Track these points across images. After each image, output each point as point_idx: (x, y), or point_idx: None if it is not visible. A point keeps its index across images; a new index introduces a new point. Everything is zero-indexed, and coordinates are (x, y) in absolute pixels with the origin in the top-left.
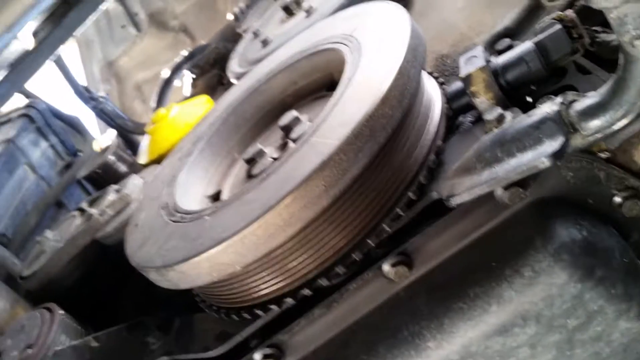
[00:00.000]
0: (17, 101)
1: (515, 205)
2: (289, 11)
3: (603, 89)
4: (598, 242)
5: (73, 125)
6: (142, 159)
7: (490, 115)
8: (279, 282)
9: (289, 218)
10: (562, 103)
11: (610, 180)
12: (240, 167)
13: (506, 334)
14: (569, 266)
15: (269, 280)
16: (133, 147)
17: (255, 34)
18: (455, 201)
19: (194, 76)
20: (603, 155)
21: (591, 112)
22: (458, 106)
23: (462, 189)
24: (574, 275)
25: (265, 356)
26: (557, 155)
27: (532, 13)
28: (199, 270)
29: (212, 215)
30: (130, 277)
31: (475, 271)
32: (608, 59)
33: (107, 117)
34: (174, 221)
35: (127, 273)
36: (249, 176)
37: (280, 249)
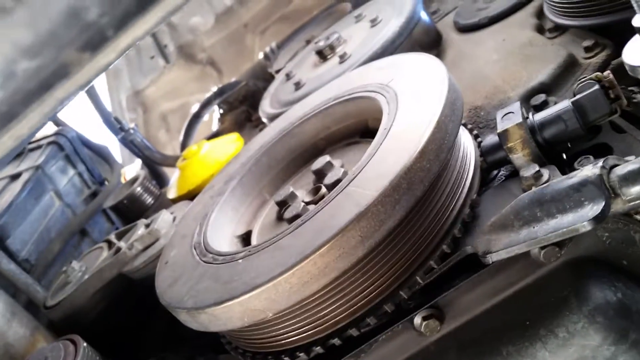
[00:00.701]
0: (46, 128)
1: (550, 263)
2: (322, 56)
3: None
4: (632, 305)
5: (101, 154)
6: (171, 193)
7: (527, 172)
8: (308, 330)
9: (324, 267)
10: (603, 167)
11: None
12: (270, 209)
13: None
14: (604, 329)
15: (298, 328)
16: (159, 178)
17: (288, 76)
18: (492, 258)
19: (222, 112)
20: (639, 217)
21: (633, 177)
22: (493, 160)
23: (499, 247)
24: (608, 337)
25: None
26: (598, 220)
27: (567, 69)
28: (230, 315)
29: (245, 258)
30: (155, 312)
31: (509, 329)
32: None
33: (135, 149)
34: (205, 262)
35: (152, 308)
36: (280, 218)
37: (313, 298)
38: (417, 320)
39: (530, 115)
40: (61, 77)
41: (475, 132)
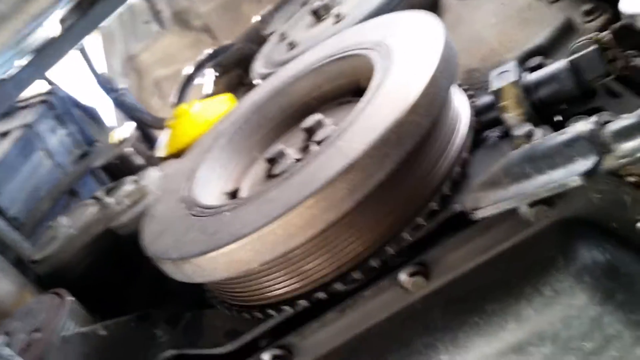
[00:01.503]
0: (38, 87)
1: (539, 223)
2: (317, 16)
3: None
4: (620, 267)
5: (92, 115)
6: (161, 152)
7: (520, 131)
8: (294, 283)
9: (310, 219)
10: (596, 122)
11: (635, 205)
12: (260, 166)
13: (521, 352)
14: (590, 288)
15: (284, 281)
16: (150, 141)
17: (282, 37)
18: (479, 214)
19: (216, 74)
20: (631, 179)
21: (626, 133)
22: (486, 120)
23: (487, 203)
24: (594, 297)
25: (274, 357)
26: (589, 174)
27: (565, 33)
28: (215, 265)
29: (232, 211)
30: (141, 268)
31: (494, 287)
32: (638, 82)
33: (126, 109)
34: (192, 215)
35: (138, 264)
36: (269, 176)
37: (298, 250)
38: (403, 276)
39: (524, 74)
40: None
41: (470, 92)
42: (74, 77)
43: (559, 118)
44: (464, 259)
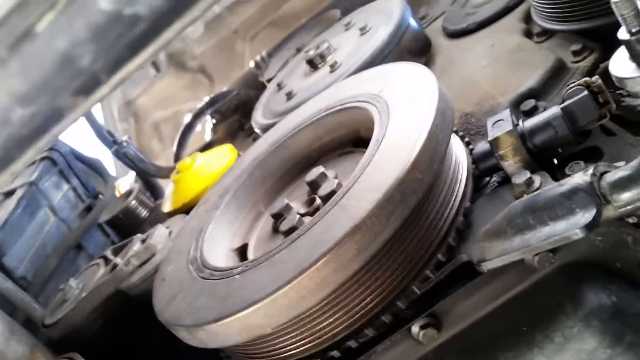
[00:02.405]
0: None
1: (545, 269)
2: (313, 65)
3: (635, 162)
4: (627, 307)
5: (94, 167)
6: (166, 207)
7: (519, 179)
8: (307, 343)
9: (321, 281)
10: (593, 174)
11: (638, 244)
12: (266, 221)
13: None
14: (599, 332)
15: (297, 342)
16: (153, 190)
17: (279, 86)
18: (486, 266)
19: (215, 121)
20: (631, 220)
21: (623, 184)
22: (485, 167)
23: (493, 255)
24: (603, 341)
25: None
26: (590, 227)
27: (556, 74)
28: (229, 331)
29: (242, 274)
30: (153, 327)
31: (506, 335)
32: (633, 121)
33: (129, 161)
34: (202, 277)
35: (149, 324)
36: (276, 231)
37: (310, 311)
38: (415, 329)
39: (520, 121)
40: (55, 120)
41: (466, 139)
42: (75, 129)
43: (555, 161)
44: (473, 308)
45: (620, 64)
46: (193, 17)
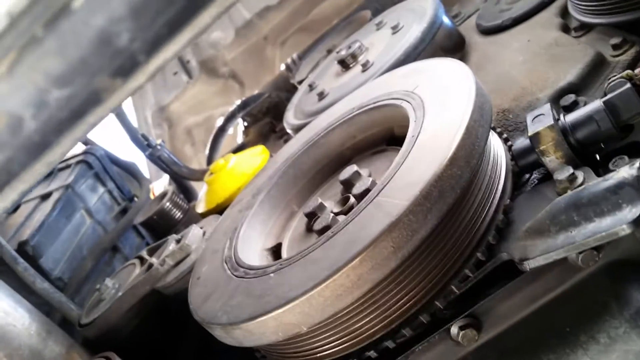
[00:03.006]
0: (75, 147)
1: (589, 268)
2: (345, 65)
3: None
4: None
5: (129, 170)
6: (200, 208)
7: (562, 175)
8: (343, 342)
9: (357, 280)
10: (639, 168)
11: None
12: (299, 221)
13: None
14: None
15: (333, 341)
16: (187, 193)
17: (311, 87)
18: (529, 265)
19: (247, 124)
20: None
21: None
22: (525, 164)
23: (536, 253)
24: None
25: None
26: (638, 222)
27: (596, 68)
28: (264, 330)
29: (277, 272)
30: (188, 327)
31: (549, 336)
32: None
33: (163, 164)
34: (237, 276)
35: (185, 323)
36: (309, 230)
37: (347, 310)
38: (454, 330)
39: (561, 116)
40: (93, 103)
41: (504, 135)
42: (110, 133)
43: (597, 157)
44: (514, 309)
45: None
46: (229, 1)
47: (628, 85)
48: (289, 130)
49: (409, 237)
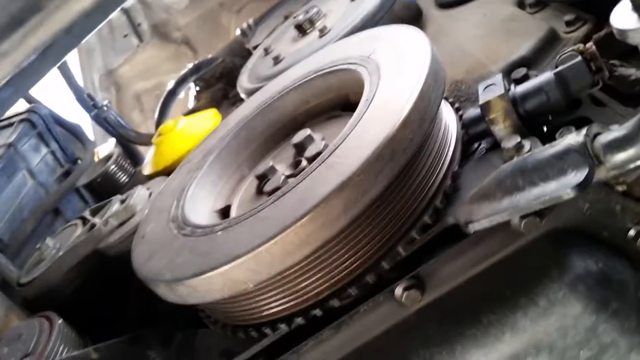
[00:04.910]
0: (18, 105)
1: (531, 234)
2: (302, 30)
3: (629, 123)
4: (613, 275)
5: (73, 132)
6: (147, 170)
7: (509, 143)
8: (289, 301)
9: (306, 237)
10: (586, 135)
11: (625, 214)
12: (250, 183)
13: None
14: (585, 298)
15: (279, 299)
16: (133, 157)
17: (267, 51)
18: (473, 227)
19: (199, 89)
20: (620, 188)
21: (617, 145)
22: (474, 133)
23: (480, 216)
24: (589, 306)
25: None
26: (581, 187)
27: (548, 43)
28: (210, 286)
29: (224, 230)
30: (131, 289)
31: (490, 298)
32: (624, 92)
33: (109, 126)
34: (183, 235)
35: (128, 285)
36: (260, 192)
37: (294, 269)
38: (398, 291)
39: (511, 87)
40: (33, 11)
41: (456, 105)
42: (54, 93)
43: (545, 129)
44: (457, 272)
45: (622, 16)
46: None
47: (579, 58)
48: (242, 95)
49: (359, 196)
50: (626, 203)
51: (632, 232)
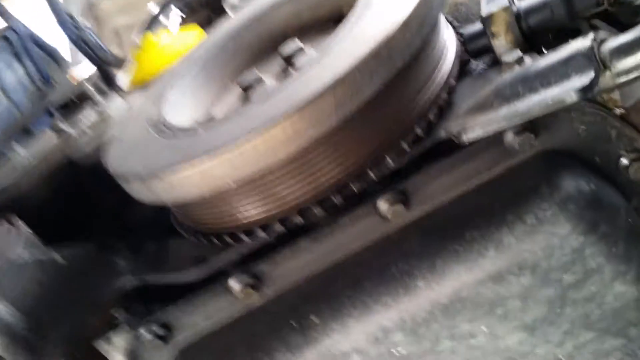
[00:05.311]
0: None
1: (524, 152)
2: None
3: (639, 28)
4: (605, 198)
5: (51, 54)
6: (126, 86)
7: (509, 57)
8: (269, 206)
9: (294, 134)
10: (594, 39)
11: (620, 140)
12: (235, 95)
13: (500, 281)
14: (574, 217)
15: (259, 203)
16: (111, 82)
17: None
18: (467, 137)
19: (184, 15)
20: (618, 111)
21: (625, 49)
22: (474, 48)
23: (473, 125)
24: (577, 227)
25: (242, 284)
26: (585, 90)
27: None
28: (188, 182)
29: (207, 129)
30: (103, 202)
31: (475, 215)
32: (624, 22)
33: (88, 49)
34: (163, 137)
35: (99, 197)
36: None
37: (277, 170)
38: (382, 204)
39: (515, 0)
40: None
41: (455, 24)
42: (34, 14)
43: (544, 50)
44: (445, 188)
45: None
46: None
47: None
48: (229, 12)
49: (352, 94)
50: (622, 128)
51: (624, 160)
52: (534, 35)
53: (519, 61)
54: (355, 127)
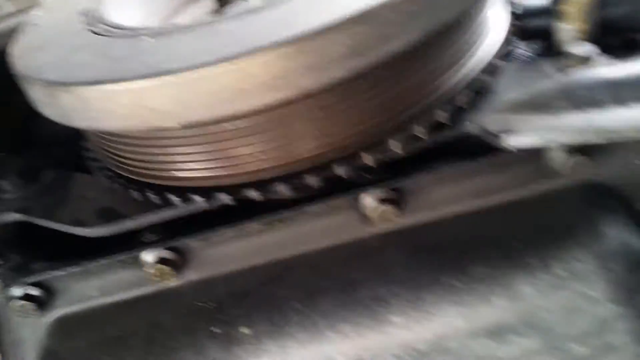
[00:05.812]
0: None
1: (567, 177)
2: None
3: None
4: None
5: None
6: None
7: (575, 49)
8: (218, 165)
9: (279, 75)
10: None
11: None
12: (207, 5)
13: (498, 339)
14: (614, 280)
15: (205, 160)
16: None
17: None
18: (511, 141)
19: None
20: None
21: None
22: (530, 27)
23: (526, 127)
24: (614, 293)
25: (159, 259)
26: None
27: None
28: (110, 105)
29: (155, 37)
30: (7, 108)
31: (488, 245)
32: None
33: None
34: (94, 32)
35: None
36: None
37: (240, 121)
38: (368, 200)
39: None
40: None
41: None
42: None
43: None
44: (454, 197)
45: None
46: None
47: None
48: None
49: (375, 39)
50: None
51: None
52: (611, 32)
53: (586, 58)
54: (357, 90)
